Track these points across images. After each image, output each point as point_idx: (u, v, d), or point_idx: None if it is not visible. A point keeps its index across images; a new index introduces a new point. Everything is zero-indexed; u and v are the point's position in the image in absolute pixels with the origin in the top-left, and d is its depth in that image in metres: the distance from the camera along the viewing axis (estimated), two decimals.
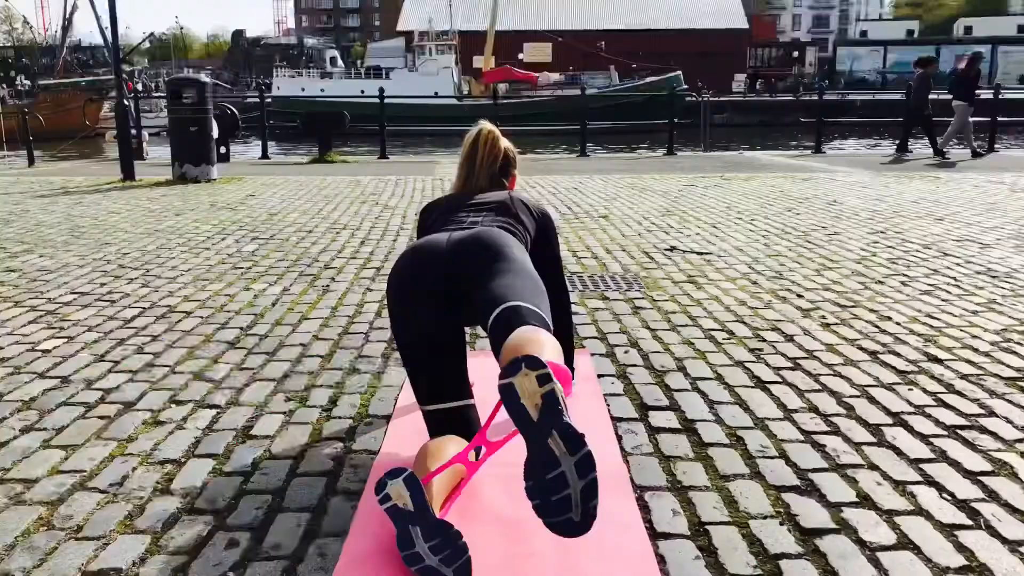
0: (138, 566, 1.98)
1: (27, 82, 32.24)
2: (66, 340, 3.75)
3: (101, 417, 2.87)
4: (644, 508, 2.24)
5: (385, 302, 4.37)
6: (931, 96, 13.21)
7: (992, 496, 2.28)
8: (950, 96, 13.03)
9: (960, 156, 13.21)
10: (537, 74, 45.79)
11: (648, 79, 41.49)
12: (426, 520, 1.87)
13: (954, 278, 4.82)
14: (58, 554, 2.03)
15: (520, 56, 56.19)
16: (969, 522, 2.15)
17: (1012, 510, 2.21)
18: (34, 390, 3.13)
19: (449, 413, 2.32)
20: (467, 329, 2.96)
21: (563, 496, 1.77)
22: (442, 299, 2.32)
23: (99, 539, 2.09)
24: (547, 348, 1.97)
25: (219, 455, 2.57)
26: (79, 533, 2.12)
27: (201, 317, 4.12)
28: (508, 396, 1.82)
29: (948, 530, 2.11)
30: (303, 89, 41.18)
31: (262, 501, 2.28)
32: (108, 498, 2.30)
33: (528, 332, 2.04)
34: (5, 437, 2.70)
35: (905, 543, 2.06)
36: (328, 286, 4.77)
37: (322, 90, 40.14)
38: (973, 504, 2.24)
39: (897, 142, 14.45)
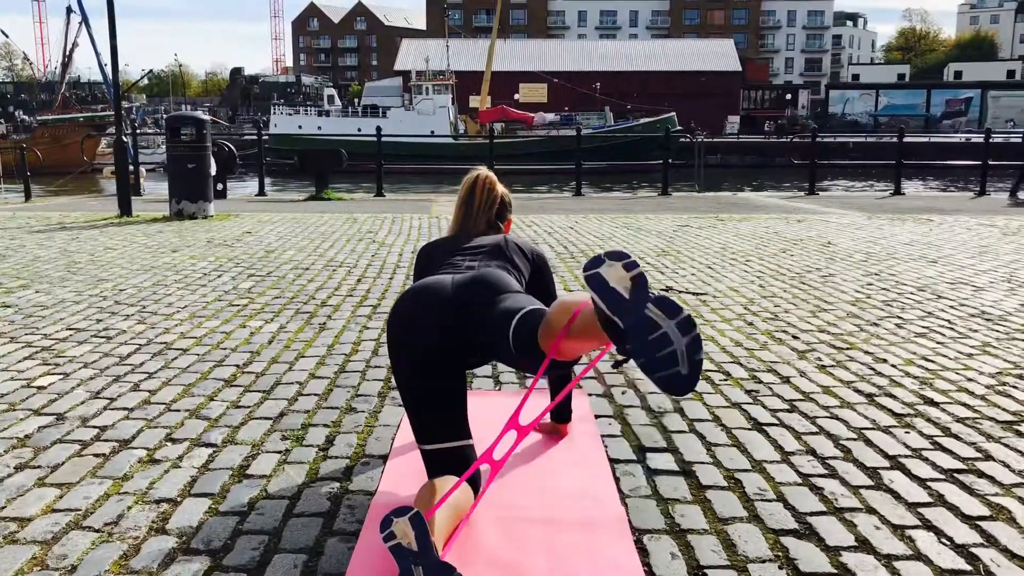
0: None
1: (26, 117, 32.47)
2: (61, 376, 3.74)
3: (96, 455, 2.85)
4: (643, 551, 2.23)
5: (382, 340, 4.40)
6: None
7: (991, 541, 2.28)
8: None
9: None
10: (533, 114, 46.30)
11: (642, 120, 42.02)
12: (429, 561, 1.86)
13: (949, 321, 4.84)
14: None
15: (516, 96, 56.87)
16: (968, 567, 2.14)
17: (1011, 556, 2.20)
18: (29, 427, 3.11)
19: (449, 453, 2.32)
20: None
21: (669, 352, 1.83)
22: (444, 339, 2.33)
23: None
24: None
25: (215, 494, 2.56)
26: (73, 573, 2.10)
27: (197, 354, 4.11)
28: (597, 282, 1.87)
29: None
30: (300, 127, 41.54)
31: (259, 541, 2.27)
32: (103, 537, 2.28)
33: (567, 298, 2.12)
34: None
35: None
36: (325, 324, 4.77)
37: (319, 128, 40.54)
38: (972, 549, 2.23)
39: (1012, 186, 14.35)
